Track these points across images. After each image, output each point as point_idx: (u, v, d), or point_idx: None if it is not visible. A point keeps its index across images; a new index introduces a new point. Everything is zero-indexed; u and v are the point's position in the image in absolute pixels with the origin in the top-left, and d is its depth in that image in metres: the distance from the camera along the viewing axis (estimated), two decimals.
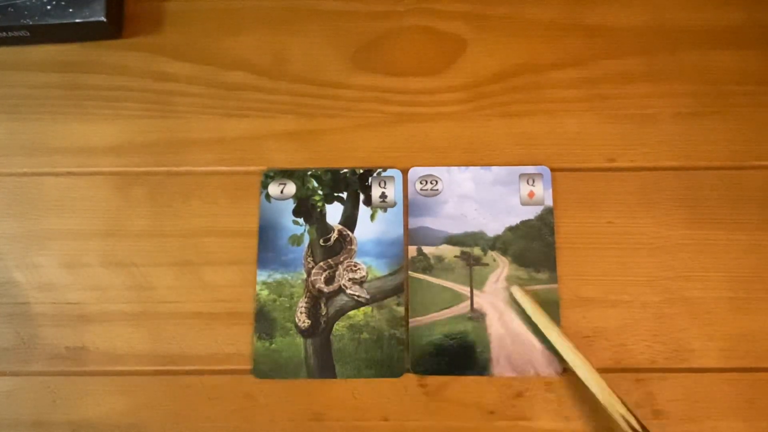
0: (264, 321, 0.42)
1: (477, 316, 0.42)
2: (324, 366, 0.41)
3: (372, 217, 0.44)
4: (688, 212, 0.44)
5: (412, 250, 0.43)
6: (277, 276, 0.43)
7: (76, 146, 0.46)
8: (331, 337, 0.42)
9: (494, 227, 0.44)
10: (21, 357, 0.42)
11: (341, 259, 0.43)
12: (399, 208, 0.44)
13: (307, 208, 0.44)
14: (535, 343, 0.41)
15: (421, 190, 0.44)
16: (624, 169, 0.45)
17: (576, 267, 0.43)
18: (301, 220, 0.44)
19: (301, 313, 0.42)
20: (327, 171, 0.45)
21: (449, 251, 0.43)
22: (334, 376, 0.41)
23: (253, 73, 0.47)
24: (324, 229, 0.44)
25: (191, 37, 0.48)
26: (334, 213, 0.44)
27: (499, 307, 0.42)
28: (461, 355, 0.41)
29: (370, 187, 0.45)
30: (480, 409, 0.41)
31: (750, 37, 0.47)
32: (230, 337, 0.42)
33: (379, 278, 0.43)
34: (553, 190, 0.44)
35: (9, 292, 0.43)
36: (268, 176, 0.45)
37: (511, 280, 0.43)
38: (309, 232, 0.44)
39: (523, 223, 0.44)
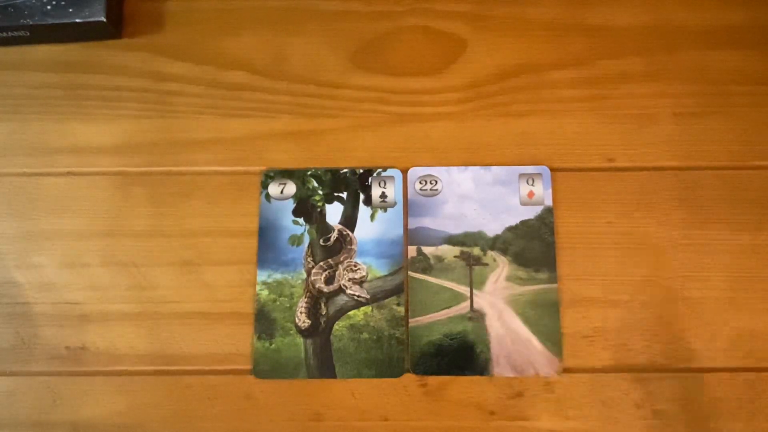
0: (264, 321, 0.42)
1: (477, 316, 0.42)
2: (324, 366, 0.41)
3: (372, 217, 0.44)
4: (688, 212, 0.44)
5: (412, 250, 0.43)
6: (277, 276, 0.43)
7: (76, 146, 0.46)
8: (331, 337, 0.42)
9: (494, 227, 0.44)
10: (21, 357, 0.42)
11: (341, 259, 0.43)
12: (399, 208, 0.44)
13: (307, 208, 0.44)
14: (535, 343, 0.41)
15: (420, 190, 0.44)
16: (624, 169, 0.45)
17: (576, 267, 0.43)
18: (301, 220, 0.44)
19: (301, 313, 0.42)
20: (327, 171, 0.45)
21: (449, 251, 0.43)
22: (334, 376, 0.41)
23: (253, 73, 0.47)
24: (324, 229, 0.44)
25: (191, 37, 0.48)
26: (334, 213, 0.44)
27: (499, 307, 0.42)
28: (461, 355, 0.41)
29: (370, 187, 0.45)
30: (480, 409, 0.41)
31: (750, 37, 0.47)
32: (230, 337, 0.42)
33: (379, 278, 0.43)
34: (553, 190, 0.44)
35: (9, 292, 0.43)
36: (268, 176, 0.45)
37: (511, 279, 0.43)
38: (309, 232, 0.44)
39: (522, 223, 0.44)
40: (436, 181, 0.44)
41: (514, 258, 0.43)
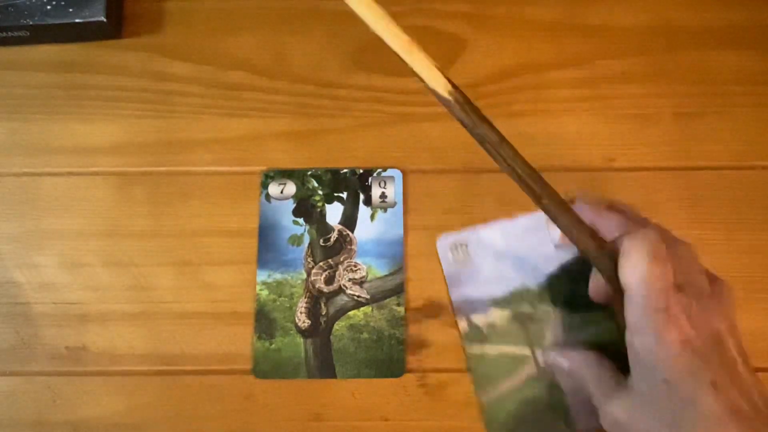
0: (264, 321, 0.42)
1: (546, 375, 0.40)
2: (324, 366, 0.41)
3: (372, 217, 0.44)
4: (688, 212, 0.44)
5: (462, 323, 0.41)
6: (277, 276, 0.43)
7: (76, 146, 0.46)
8: (331, 337, 0.42)
9: (536, 279, 0.42)
10: (21, 357, 0.42)
11: (341, 259, 0.43)
12: (399, 208, 0.44)
13: (307, 208, 0.44)
14: None
15: (454, 259, 0.42)
16: (624, 169, 0.45)
17: None
18: (301, 220, 0.44)
19: (301, 313, 0.42)
20: (327, 171, 0.45)
21: (499, 315, 0.41)
22: (334, 376, 0.41)
23: (253, 73, 0.47)
24: (324, 229, 0.44)
25: (191, 37, 0.48)
26: (334, 213, 0.44)
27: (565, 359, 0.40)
28: (542, 418, 0.40)
29: (370, 187, 0.45)
30: (480, 409, 0.41)
31: (750, 37, 0.47)
32: (230, 337, 0.42)
33: (379, 278, 0.43)
34: None
35: (9, 292, 0.43)
36: (268, 176, 0.45)
37: (567, 328, 0.41)
38: (309, 232, 0.44)
39: (562, 267, 0.42)
40: (466, 246, 0.42)
41: (565, 305, 0.41)
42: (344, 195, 0.45)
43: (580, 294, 0.38)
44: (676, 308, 0.31)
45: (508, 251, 0.42)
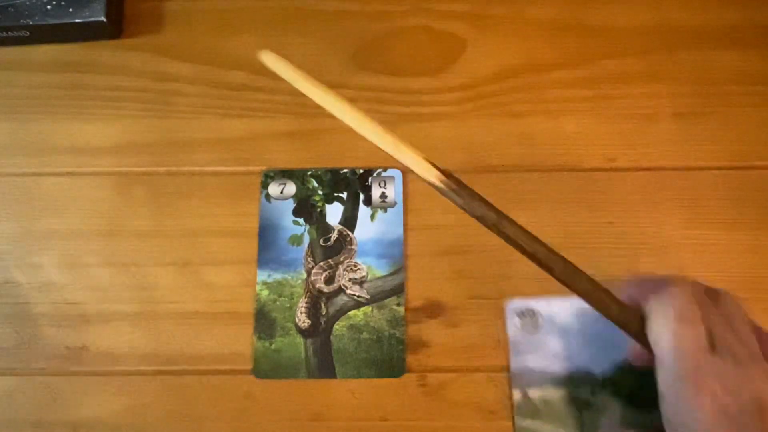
0: (264, 321, 0.42)
1: None
2: (324, 366, 0.41)
3: (372, 217, 0.44)
4: (688, 212, 0.44)
5: (517, 394, 0.40)
6: (277, 276, 0.43)
7: (76, 146, 0.46)
8: (331, 337, 0.42)
9: (602, 365, 0.40)
10: (21, 357, 0.42)
11: (341, 259, 0.43)
12: (399, 208, 0.44)
13: (307, 208, 0.44)
14: None
15: (521, 325, 0.41)
16: (624, 169, 0.45)
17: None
18: (301, 220, 0.44)
19: (301, 313, 0.42)
20: (327, 171, 0.45)
21: (555, 394, 0.39)
22: (334, 376, 0.41)
23: (253, 73, 0.47)
24: (324, 229, 0.44)
25: (191, 37, 0.48)
26: (334, 213, 0.44)
27: None
28: None
29: (370, 187, 0.45)
30: (480, 409, 0.41)
31: (750, 37, 0.47)
32: (230, 337, 0.42)
33: (379, 278, 0.43)
34: (553, 191, 0.44)
35: (9, 292, 0.43)
36: (268, 176, 0.45)
37: (625, 424, 0.39)
38: (309, 232, 0.44)
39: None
40: (535, 314, 0.41)
41: (628, 399, 0.39)
42: (344, 195, 0.45)
43: (646, 390, 0.34)
44: (709, 373, 0.29)
45: (577, 329, 0.40)
